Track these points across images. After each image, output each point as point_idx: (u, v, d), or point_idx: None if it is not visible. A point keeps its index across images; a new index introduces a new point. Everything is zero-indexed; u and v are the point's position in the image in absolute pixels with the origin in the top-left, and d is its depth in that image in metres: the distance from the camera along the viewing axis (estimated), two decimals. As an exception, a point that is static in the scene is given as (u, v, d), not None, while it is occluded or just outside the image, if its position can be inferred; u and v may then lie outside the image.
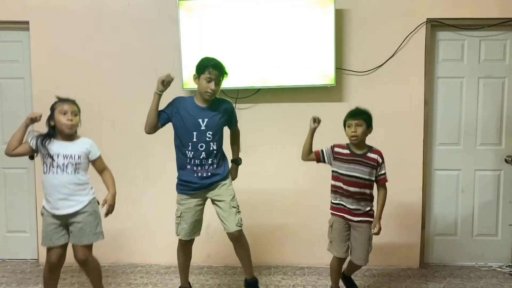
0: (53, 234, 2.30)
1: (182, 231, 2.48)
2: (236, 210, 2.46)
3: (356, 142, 2.40)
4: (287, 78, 3.13)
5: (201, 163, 2.41)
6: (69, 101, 2.33)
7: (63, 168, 2.27)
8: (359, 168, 2.39)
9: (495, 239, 3.35)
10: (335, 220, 2.48)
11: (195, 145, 2.39)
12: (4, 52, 3.41)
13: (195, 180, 2.42)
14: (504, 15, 3.13)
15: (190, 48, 3.14)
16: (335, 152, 2.48)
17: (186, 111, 2.42)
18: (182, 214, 2.48)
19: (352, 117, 2.42)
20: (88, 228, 2.32)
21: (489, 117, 3.28)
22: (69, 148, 2.30)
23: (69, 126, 2.28)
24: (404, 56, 3.17)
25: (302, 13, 3.08)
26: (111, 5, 3.28)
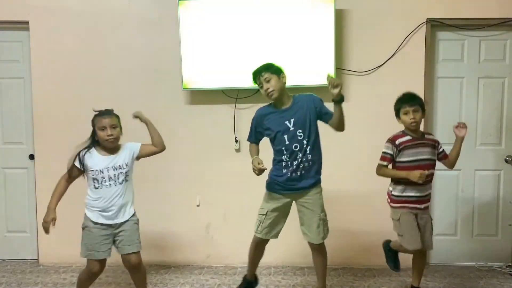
0: (100, 246, 2.34)
1: (264, 230, 2.45)
2: (323, 222, 2.42)
3: (416, 127, 2.43)
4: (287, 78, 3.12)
5: (298, 163, 2.36)
6: (105, 115, 2.36)
7: (116, 180, 2.34)
8: (427, 150, 2.44)
9: (495, 239, 3.35)
10: (403, 212, 2.44)
11: (289, 146, 2.36)
12: (4, 52, 3.41)
13: (289, 181, 2.38)
14: (504, 15, 3.13)
15: (190, 48, 3.14)
16: (397, 144, 2.43)
17: (271, 118, 2.42)
18: (268, 213, 2.44)
19: (408, 103, 2.42)
20: (136, 236, 2.41)
21: (489, 117, 3.28)
22: (116, 159, 2.36)
23: (111, 141, 2.33)
24: (404, 56, 3.17)
25: (302, 13, 3.08)
26: (111, 5, 3.28)
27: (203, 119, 3.31)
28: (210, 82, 3.17)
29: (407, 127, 2.46)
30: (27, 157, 3.43)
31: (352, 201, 3.21)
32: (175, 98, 3.30)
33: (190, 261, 3.36)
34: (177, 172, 3.33)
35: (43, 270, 3.28)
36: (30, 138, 3.40)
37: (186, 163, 3.32)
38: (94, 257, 2.35)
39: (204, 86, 3.19)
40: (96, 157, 2.35)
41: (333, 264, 3.30)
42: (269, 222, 2.44)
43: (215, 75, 3.16)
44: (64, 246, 3.33)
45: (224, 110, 3.28)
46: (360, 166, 3.08)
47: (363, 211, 3.21)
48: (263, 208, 2.47)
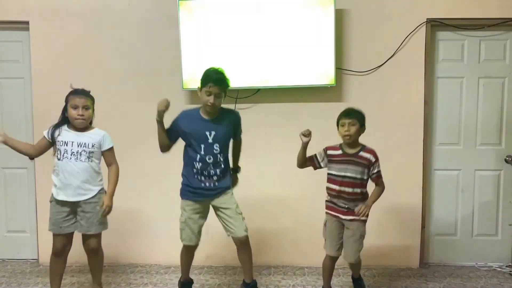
0: (62, 221, 2.38)
1: (187, 237, 2.50)
2: (241, 216, 2.50)
3: (349, 141, 2.41)
4: (287, 78, 3.13)
5: (209, 174, 2.43)
6: (80, 94, 2.38)
7: (77, 156, 2.35)
8: (351, 167, 2.40)
9: (495, 239, 3.35)
10: (329, 219, 2.52)
11: (203, 157, 2.42)
12: (4, 52, 3.41)
13: (201, 189, 2.45)
14: (504, 15, 3.13)
15: (190, 48, 3.14)
16: (328, 155, 2.50)
17: (192, 125, 2.43)
18: (186, 220, 2.49)
19: (345, 116, 2.42)
20: (96, 218, 2.40)
21: (489, 117, 3.28)
22: (83, 137, 2.38)
23: (80, 121, 2.35)
24: (404, 56, 3.17)
25: (302, 13, 3.08)
26: (111, 5, 3.28)
27: (203, 119, 3.30)
28: (210, 82, 3.17)
29: (342, 139, 2.45)
30: (27, 157, 3.42)
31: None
32: (175, 98, 3.27)
33: (190, 261, 3.36)
34: (177, 172, 3.31)
35: (43, 270, 3.27)
36: (30, 138, 3.39)
37: (186, 163, 3.31)
38: (56, 231, 2.40)
39: (204, 86, 3.19)
40: (64, 130, 2.40)
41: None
42: (189, 229, 2.48)
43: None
44: (64, 246, 3.34)
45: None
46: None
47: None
48: (182, 216, 2.51)
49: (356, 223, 2.42)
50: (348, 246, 2.46)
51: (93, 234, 2.42)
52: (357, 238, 2.44)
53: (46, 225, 3.40)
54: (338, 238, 2.49)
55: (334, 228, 2.49)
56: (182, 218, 2.50)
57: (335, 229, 2.49)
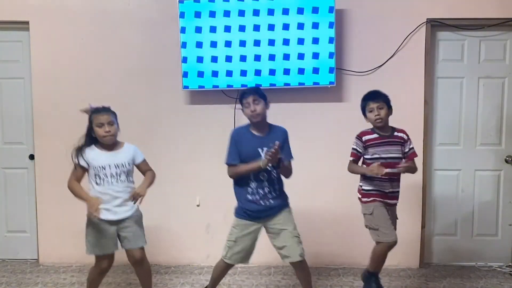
0: (108, 241, 2.36)
1: (233, 256, 2.41)
2: (298, 239, 2.38)
3: (381, 124, 2.40)
4: (287, 78, 3.13)
5: (264, 192, 2.34)
6: (103, 111, 2.35)
7: (117, 178, 2.35)
8: (393, 148, 2.42)
9: (495, 239, 3.35)
10: (375, 206, 2.43)
11: (257, 175, 2.33)
12: (4, 52, 3.41)
13: (256, 209, 2.35)
14: (504, 15, 3.13)
15: (190, 48, 3.14)
16: (364, 141, 2.44)
17: (244, 143, 2.36)
18: (237, 239, 2.40)
19: (372, 100, 2.40)
20: (140, 232, 2.43)
21: (489, 117, 3.28)
22: (118, 157, 2.37)
23: (108, 138, 2.33)
24: (404, 56, 3.17)
25: (302, 13, 3.08)
26: (111, 5, 3.28)
27: (203, 119, 3.31)
28: (210, 82, 3.17)
29: (373, 124, 2.44)
30: (27, 157, 3.43)
31: (351, 201, 3.20)
32: (175, 98, 3.30)
33: (190, 261, 3.36)
34: (177, 172, 3.33)
35: (43, 270, 3.28)
36: (30, 138, 3.40)
37: (186, 163, 3.32)
38: (101, 252, 2.37)
39: (204, 86, 3.19)
40: (96, 153, 2.35)
41: (333, 264, 3.31)
42: (238, 248, 2.41)
43: (215, 75, 3.16)
44: (64, 246, 3.34)
45: (224, 110, 3.27)
46: (360, 166, 3.08)
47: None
48: (231, 235, 2.43)
49: (395, 207, 2.51)
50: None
51: (140, 247, 2.42)
52: (395, 219, 2.53)
53: (46, 225, 3.42)
54: (391, 221, 2.44)
55: (385, 213, 2.42)
56: (232, 237, 2.41)
57: (386, 213, 2.42)
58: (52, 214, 3.35)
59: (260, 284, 2.99)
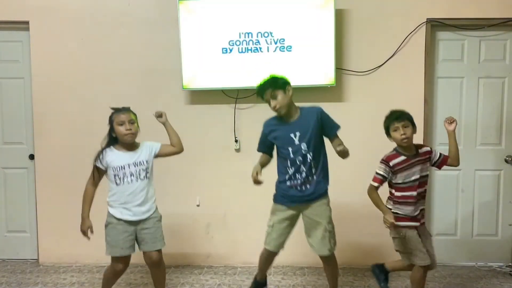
0: (124, 242, 2.36)
1: (272, 242, 2.43)
2: (330, 235, 2.37)
3: (407, 144, 2.34)
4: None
5: (302, 177, 2.34)
6: (123, 110, 2.38)
7: (137, 176, 2.36)
8: (417, 169, 2.35)
9: (495, 239, 3.35)
10: (408, 231, 2.36)
11: (294, 160, 2.34)
12: (4, 52, 3.41)
13: (294, 193, 2.36)
14: (504, 15, 3.13)
15: (190, 48, 3.14)
16: (392, 166, 2.36)
17: (277, 132, 2.40)
18: (274, 225, 2.42)
19: (396, 120, 2.35)
20: (159, 233, 2.43)
21: (489, 117, 3.28)
22: (137, 156, 2.39)
23: (129, 136, 2.34)
24: (404, 56, 3.17)
25: (302, 13, 3.08)
26: (111, 5, 3.28)
27: (203, 119, 3.31)
28: (210, 82, 3.17)
29: (399, 144, 2.38)
30: (27, 157, 3.43)
31: (351, 202, 3.21)
32: (175, 98, 3.30)
33: (190, 261, 3.36)
34: (177, 172, 3.32)
35: (43, 270, 3.28)
36: (30, 138, 3.40)
37: (186, 163, 3.31)
38: (118, 253, 2.37)
39: (204, 86, 3.19)
40: (116, 154, 2.36)
41: (333, 264, 3.30)
42: (276, 234, 2.42)
43: (215, 75, 3.16)
44: (64, 246, 3.34)
45: (224, 110, 3.27)
46: (359, 167, 3.07)
47: (363, 212, 3.20)
48: (270, 220, 2.46)
49: (424, 225, 2.46)
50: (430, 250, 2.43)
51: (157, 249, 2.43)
52: (430, 239, 2.48)
53: (46, 225, 3.42)
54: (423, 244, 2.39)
55: (417, 236, 2.37)
56: (270, 222, 2.43)
57: (418, 236, 2.37)
58: (52, 214, 3.35)
59: (260, 284, 2.99)
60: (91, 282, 3.04)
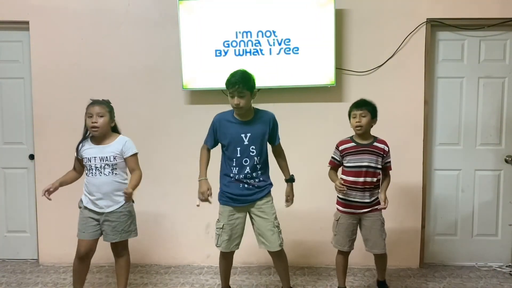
0: (86, 228, 2.42)
1: (223, 243, 2.46)
2: (278, 230, 2.44)
3: (360, 132, 2.47)
4: (287, 78, 3.13)
5: (246, 177, 2.39)
6: (95, 103, 2.41)
7: (101, 170, 2.39)
8: (367, 157, 2.46)
9: (495, 239, 3.35)
10: (342, 215, 2.55)
11: (240, 160, 2.39)
12: (4, 52, 3.41)
13: (239, 193, 2.41)
14: (504, 15, 3.13)
15: (190, 48, 3.14)
16: (341, 150, 2.53)
17: (227, 129, 2.42)
18: (224, 226, 2.45)
19: (356, 107, 2.49)
20: (121, 227, 2.45)
21: (489, 117, 3.28)
22: (104, 151, 2.41)
23: (93, 129, 2.37)
24: (404, 56, 3.17)
25: (302, 13, 3.08)
26: (111, 5, 3.27)
27: (203, 119, 3.30)
28: (210, 82, 3.17)
29: (354, 130, 2.51)
30: (27, 157, 3.43)
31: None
32: (175, 98, 3.30)
33: (190, 261, 3.36)
34: (177, 172, 3.33)
35: (43, 270, 3.28)
36: (30, 138, 3.40)
37: (186, 163, 3.31)
38: (79, 236, 2.45)
39: (204, 86, 3.19)
40: (88, 146, 2.44)
41: (333, 264, 3.29)
42: (226, 235, 2.45)
43: (215, 75, 3.16)
44: (64, 246, 3.33)
45: (224, 110, 3.27)
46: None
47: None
48: (219, 222, 2.48)
49: (373, 213, 2.49)
50: (373, 237, 2.51)
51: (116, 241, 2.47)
52: (378, 227, 2.50)
53: (46, 225, 3.43)
54: (352, 234, 2.55)
55: (348, 225, 2.53)
56: (219, 224, 2.47)
57: (350, 225, 2.53)
58: (52, 214, 3.35)
59: (260, 284, 2.99)
60: (91, 282, 3.04)
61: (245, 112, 2.40)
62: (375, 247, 2.53)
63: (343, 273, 2.66)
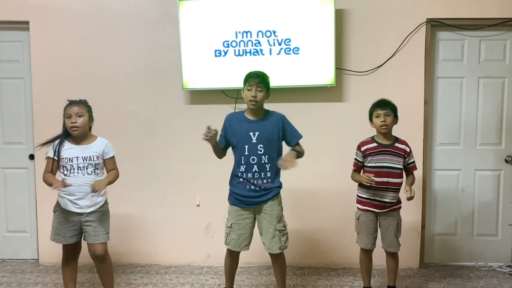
0: (67, 232, 2.41)
1: (231, 242, 2.46)
2: (280, 233, 2.42)
3: (386, 131, 2.49)
4: (287, 78, 3.13)
5: (254, 177, 2.39)
6: (73, 103, 2.41)
7: (84, 170, 2.38)
8: (389, 157, 2.48)
9: (495, 239, 3.35)
10: (362, 214, 2.58)
11: (248, 158, 2.39)
12: (4, 52, 3.41)
13: (246, 195, 2.41)
14: (504, 15, 3.13)
15: (190, 48, 3.14)
16: (363, 151, 2.54)
17: (237, 127, 2.44)
18: (232, 225, 2.46)
19: (380, 107, 2.50)
20: (103, 227, 2.44)
21: (489, 117, 3.28)
22: (87, 150, 2.41)
23: (73, 129, 2.36)
24: (404, 56, 3.17)
25: (302, 13, 3.08)
26: (111, 5, 3.27)
27: (203, 119, 3.30)
28: (210, 82, 3.17)
29: (378, 130, 2.53)
30: (27, 157, 3.43)
31: (351, 201, 3.20)
32: (175, 98, 3.30)
33: (190, 261, 3.36)
34: (177, 172, 3.33)
35: (43, 270, 3.28)
36: (30, 138, 3.40)
37: (186, 163, 3.32)
38: (60, 241, 2.44)
39: (204, 86, 3.19)
40: (66, 146, 2.41)
41: (333, 264, 3.31)
42: (235, 234, 2.45)
43: (215, 75, 3.16)
44: (64, 246, 3.34)
45: (224, 110, 3.26)
46: (360, 166, 3.09)
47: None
48: (228, 221, 2.49)
49: (391, 213, 2.52)
50: (388, 235, 2.54)
51: (101, 242, 2.44)
52: (394, 227, 2.54)
53: (46, 225, 3.40)
54: (373, 231, 2.57)
55: (369, 222, 2.56)
56: (228, 223, 2.47)
57: (370, 223, 2.56)
58: (52, 214, 3.34)
59: (260, 284, 2.99)
60: (91, 282, 3.04)
61: (256, 110, 2.42)
62: (390, 246, 2.56)
63: (367, 273, 2.67)
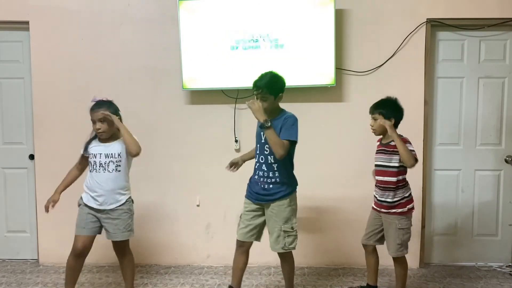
0: (86, 224, 2.46)
1: (239, 231, 2.52)
2: (285, 234, 2.42)
3: (375, 134, 2.56)
4: (287, 78, 3.10)
5: (263, 176, 2.43)
6: (94, 108, 2.45)
7: (105, 167, 2.43)
8: (382, 156, 2.52)
9: (495, 239, 3.35)
10: (371, 210, 2.64)
11: (258, 157, 2.47)
12: (4, 52, 3.41)
13: (257, 191, 2.46)
14: (504, 15, 3.13)
15: (190, 48, 3.14)
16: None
17: (257, 126, 2.50)
18: (242, 215, 2.53)
19: (370, 111, 2.56)
20: (122, 226, 2.47)
21: (489, 117, 3.28)
22: (110, 148, 2.47)
23: (100, 134, 2.45)
24: (404, 56, 3.17)
25: (302, 13, 3.08)
26: (111, 5, 3.28)
27: (203, 119, 3.31)
28: (210, 82, 3.17)
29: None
30: (27, 157, 3.43)
31: (351, 201, 3.21)
32: (175, 98, 3.30)
33: (190, 261, 3.36)
34: (177, 172, 3.33)
35: (43, 270, 3.28)
36: (30, 138, 3.40)
37: (186, 163, 3.32)
38: (78, 232, 2.47)
39: (204, 86, 3.19)
40: (94, 143, 2.51)
41: (333, 264, 3.31)
42: (243, 224, 2.50)
43: (215, 75, 3.16)
44: (64, 246, 3.31)
45: (224, 110, 3.28)
46: (359, 166, 3.08)
47: (362, 211, 3.20)
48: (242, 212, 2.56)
49: (392, 216, 2.49)
50: (387, 239, 2.53)
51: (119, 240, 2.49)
52: (393, 231, 2.47)
53: (46, 225, 3.43)
54: (374, 228, 2.59)
55: (373, 219, 2.61)
56: (241, 214, 2.55)
57: (374, 220, 2.60)
58: (52, 214, 3.32)
59: (260, 284, 2.99)
60: (91, 282, 3.04)
61: (269, 112, 2.37)
62: (388, 249, 2.53)
63: (369, 269, 2.69)
